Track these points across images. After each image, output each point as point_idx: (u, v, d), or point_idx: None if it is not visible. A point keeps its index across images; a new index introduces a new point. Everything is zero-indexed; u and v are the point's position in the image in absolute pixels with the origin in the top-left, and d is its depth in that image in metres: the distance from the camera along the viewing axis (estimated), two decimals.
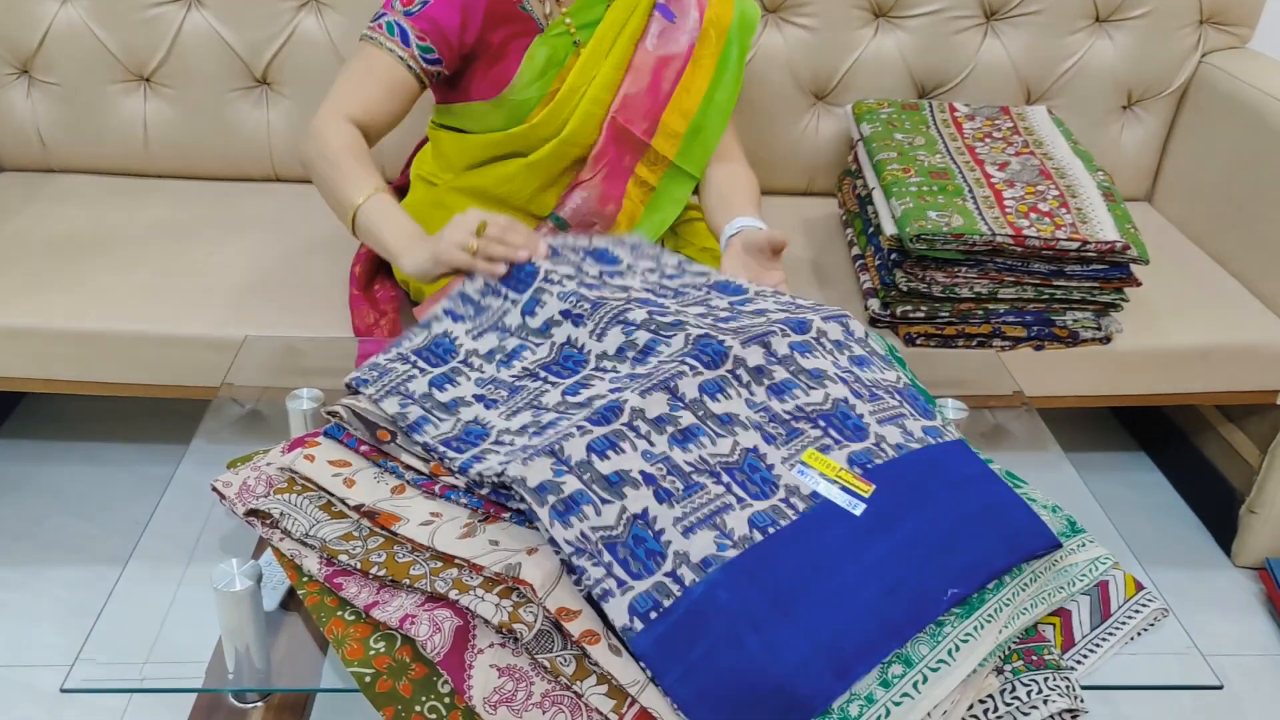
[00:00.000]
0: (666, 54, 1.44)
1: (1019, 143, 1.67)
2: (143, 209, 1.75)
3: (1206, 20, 1.88)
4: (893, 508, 0.93)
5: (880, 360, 1.09)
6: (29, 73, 1.79)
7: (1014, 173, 1.58)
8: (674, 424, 0.93)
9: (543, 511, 0.83)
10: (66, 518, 1.74)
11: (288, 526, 0.95)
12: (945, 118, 1.74)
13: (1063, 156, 1.64)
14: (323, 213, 1.77)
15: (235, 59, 1.78)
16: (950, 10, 1.83)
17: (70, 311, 1.49)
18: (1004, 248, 1.45)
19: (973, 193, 1.52)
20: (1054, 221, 1.47)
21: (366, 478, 0.97)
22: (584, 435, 0.89)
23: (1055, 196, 1.53)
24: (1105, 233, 1.46)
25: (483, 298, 1.11)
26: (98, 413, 1.98)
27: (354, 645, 0.87)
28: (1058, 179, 1.57)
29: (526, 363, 1.04)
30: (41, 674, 1.46)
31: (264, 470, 1.06)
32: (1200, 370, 1.63)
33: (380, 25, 1.36)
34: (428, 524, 0.90)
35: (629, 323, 1.03)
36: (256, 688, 0.99)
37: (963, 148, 1.65)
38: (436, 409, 0.99)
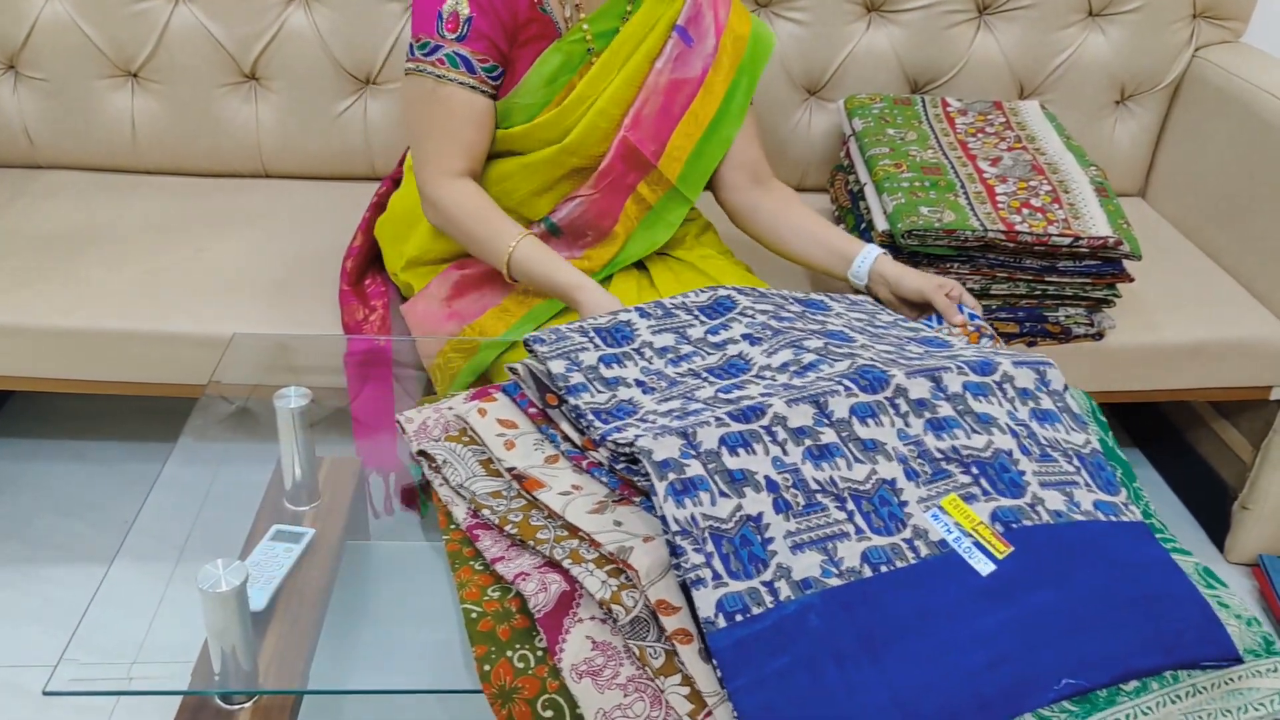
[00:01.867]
0: (680, 77, 1.41)
1: (1011, 138, 1.66)
2: (131, 205, 1.74)
3: (1200, 14, 1.87)
4: (1026, 576, 0.85)
5: (1071, 420, 1.00)
6: (15, 68, 1.78)
7: (1006, 168, 1.57)
8: (813, 438, 0.90)
9: (660, 485, 0.83)
10: (55, 516, 1.73)
11: (447, 474, 0.99)
12: (938, 112, 1.73)
13: (1055, 152, 1.63)
14: (312, 209, 1.77)
15: (223, 54, 1.77)
16: (943, 5, 1.82)
17: (58, 309, 1.48)
18: (996, 243, 1.44)
19: (965, 188, 1.51)
20: (1046, 217, 1.47)
21: (526, 443, 0.99)
22: (720, 427, 0.88)
23: (1048, 192, 1.52)
24: (1097, 228, 1.45)
25: (674, 308, 1.12)
26: (86, 411, 1.97)
27: (473, 589, 0.90)
28: (1050, 174, 1.56)
29: (694, 365, 1.05)
30: (29, 674, 1.45)
31: (444, 413, 1.09)
32: (1193, 366, 1.62)
33: (440, 60, 1.31)
34: (566, 494, 0.92)
35: (801, 347, 1.03)
36: (243, 690, 0.98)
37: (955, 143, 1.64)
38: (598, 381, 1.00)
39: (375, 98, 1.82)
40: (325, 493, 1.28)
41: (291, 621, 1.08)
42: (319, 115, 1.82)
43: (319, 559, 1.17)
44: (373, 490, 1.46)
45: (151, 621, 1.13)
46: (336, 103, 1.81)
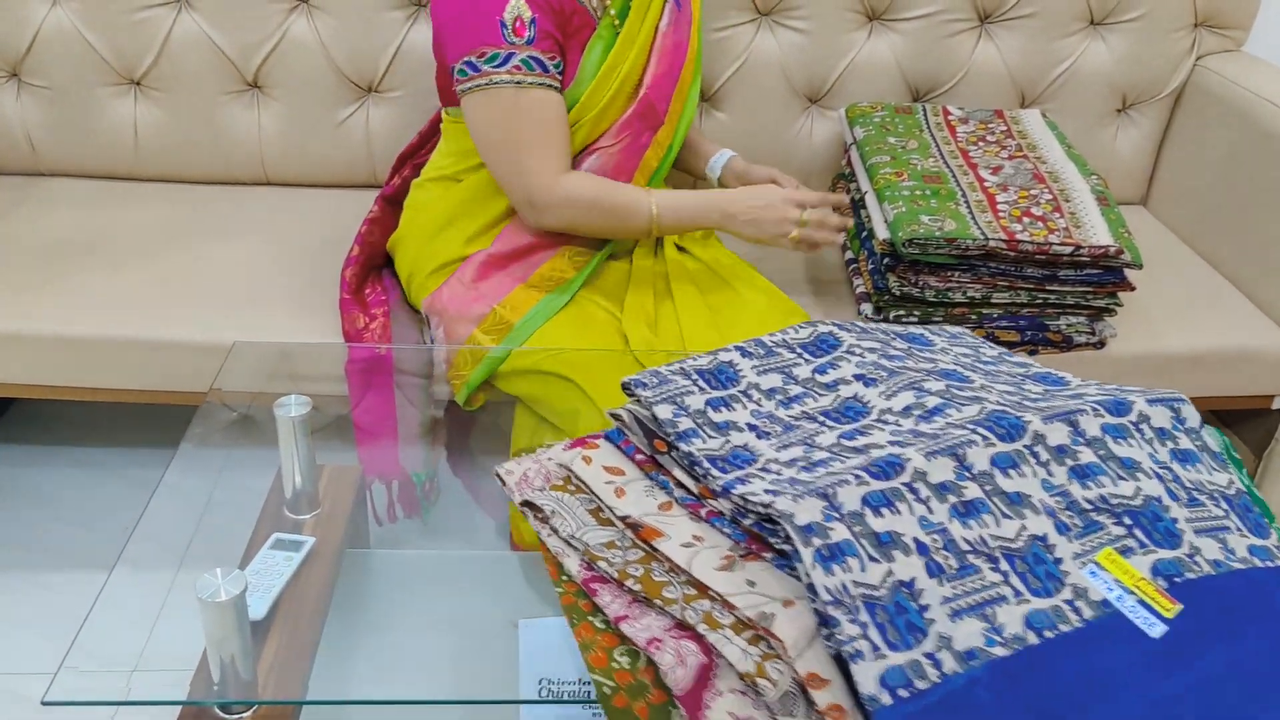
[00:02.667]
0: (677, 41, 1.48)
1: (1012, 146, 1.66)
2: (132, 213, 1.74)
3: (1201, 23, 1.87)
4: (1197, 635, 0.80)
5: (1212, 459, 0.95)
6: (18, 75, 1.78)
7: (1007, 176, 1.57)
8: (957, 494, 0.85)
9: (807, 552, 0.78)
10: (55, 523, 1.73)
11: (556, 525, 0.95)
12: (939, 121, 1.73)
13: (1056, 160, 1.63)
14: (314, 216, 1.77)
15: (226, 62, 1.78)
16: (944, 13, 1.82)
17: (59, 316, 1.48)
18: (997, 252, 1.44)
19: (966, 197, 1.51)
20: (1047, 226, 1.47)
21: (637, 489, 0.95)
22: (860, 485, 0.83)
23: (1048, 200, 1.52)
24: (1098, 237, 1.45)
25: (775, 346, 1.08)
26: (87, 417, 1.97)
27: (599, 653, 0.85)
28: (1051, 183, 1.56)
29: (807, 408, 1.00)
30: (29, 682, 1.45)
31: (544, 463, 1.06)
32: (1194, 375, 1.62)
33: (517, 67, 1.32)
34: (689, 546, 0.87)
35: (923, 389, 0.98)
36: (242, 700, 0.98)
37: (956, 151, 1.64)
38: (708, 426, 0.95)
39: (377, 105, 1.82)
40: (325, 501, 1.28)
41: (291, 630, 1.08)
42: (321, 123, 1.82)
43: (319, 567, 1.17)
44: (375, 498, 1.46)
45: (151, 630, 1.13)
46: (338, 111, 1.82)
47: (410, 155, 1.65)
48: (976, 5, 1.82)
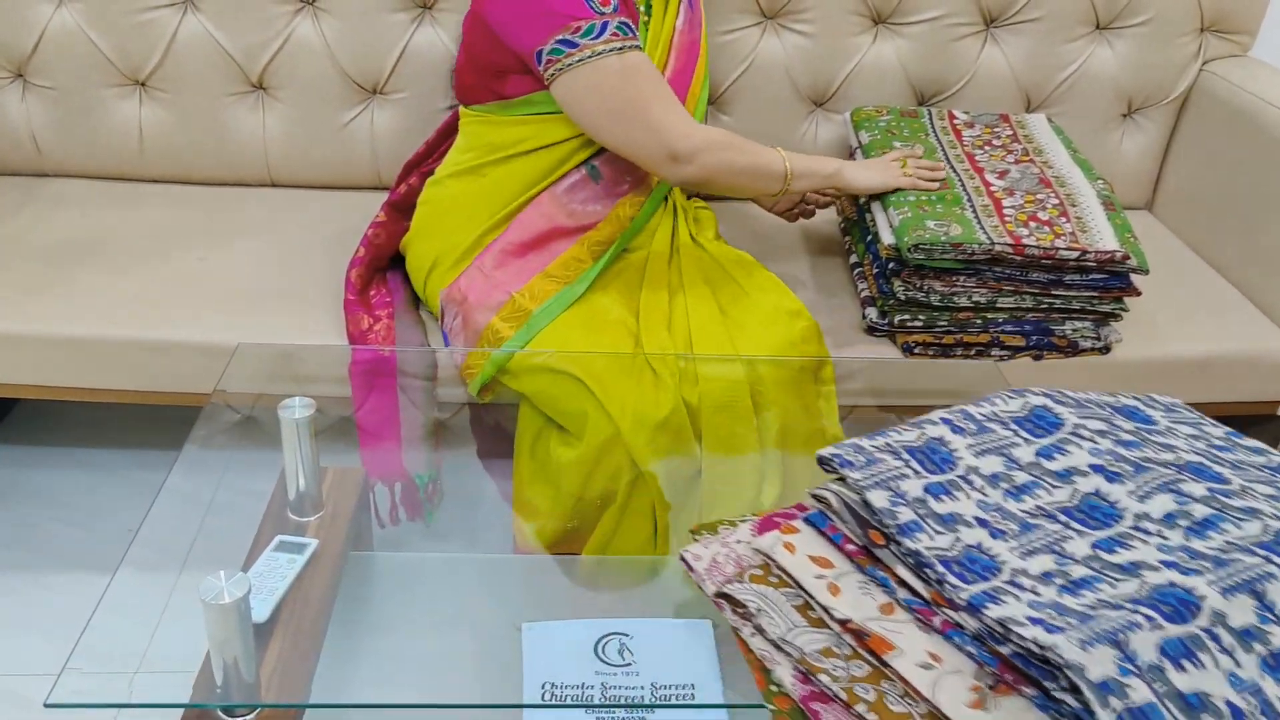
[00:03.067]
0: (692, 39, 1.51)
1: (1019, 150, 1.66)
2: (137, 214, 1.74)
3: (1207, 28, 1.87)
4: None
5: None
6: (23, 76, 1.78)
7: (1013, 181, 1.57)
8: (1263, 643, 0.74)
9: (1104, 714, 0.69)
10: (58, 524, 1.73)
11: (763, 623, 0.86)
12: (944, 125, 1.73)
13: (1062, 165, 1.63)
14: (318, 218, 1.77)
15: (231, 63, 1.77)
16: (950, 17, 1.82)
17: (63, 317, 1.48)
18: (1003, 256, 1.43)
19: (971, 201, 1.51)
20: (1053, 230, 1.46)
21: (851, 585, 0.85)
22: (1154, 630, 0.72)
23: (1055, 205, 1.52)
24: (1105, 242, 1.45)
25: (986, 421, 0.97)
26: (90, 418, 1.96)
27: None
28: (1057, 187, 1.56)
29: (1041, 501, 0.89)
30: (31, 683, 1.45)
31: (734, 547, 0.97)
32: (1200, 380, 1.62)
33: (615, 34, 1.31)
34: (927, 668, 0.77)
35: (1182, 493, 0.86)
36: (245, 703, 0.98)
37: (962, 155, 1.64)
38: (931, 518, 0.85)
39: (382, 108, 1.82)
40: (329, 503, 1.27)
41: (294, 633, 1.08)
42: (326, 125, 1.82)
43: (322, 570, 1.17)
44: (378, 500, 1.46)
45: (154, 632, 1.13)
46: (343, 112, 1.82)
47: (417, 164, 1.65)
48: (982, 9, 1.82)
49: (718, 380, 1.32)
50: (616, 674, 1.16)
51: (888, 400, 1.57)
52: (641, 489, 1.29)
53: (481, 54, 1.42)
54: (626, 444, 1.28)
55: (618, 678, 1.16)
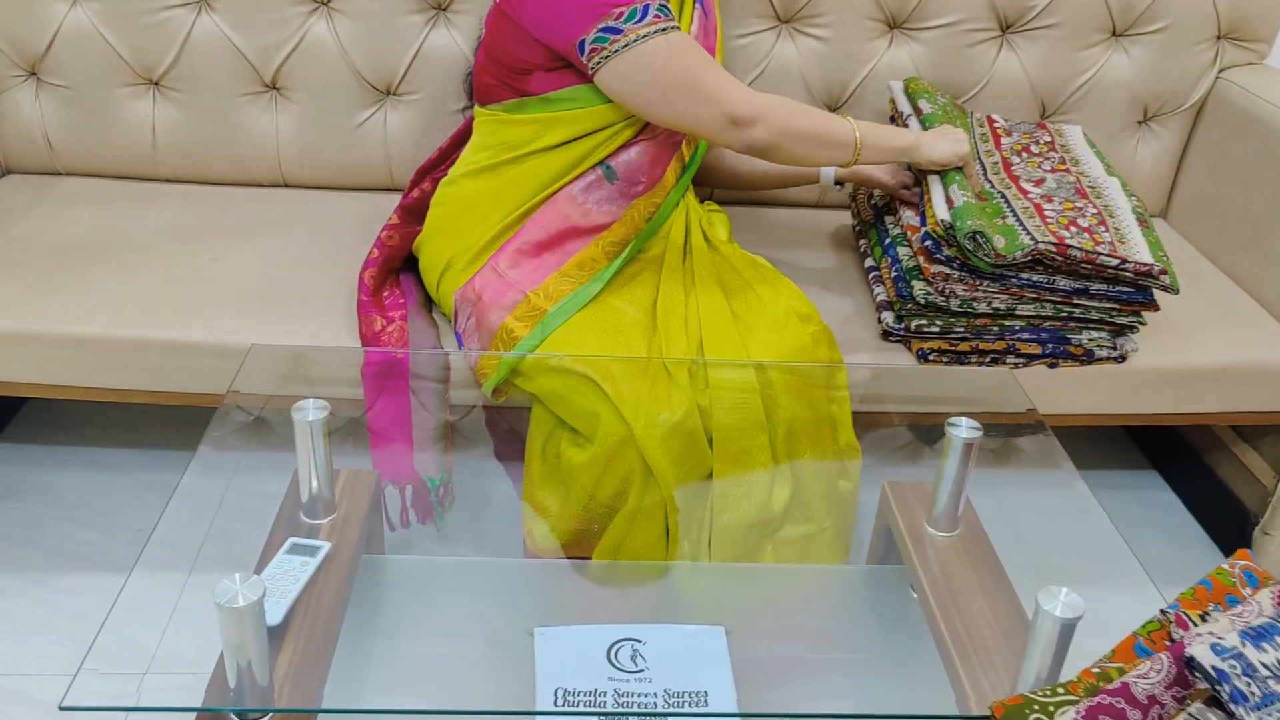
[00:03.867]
0: (706, 46, 1.50)
1: (1055, 159, 1.65)
2: (150, 213, 1.74)
3: (1224, 35, 1.86)
4: None
5: None
6: (37, 75, 1.78)
7: (1050, 189, 1.56)
8: None
9: None
10: (68, 524, 1.72)
11: None
12: (985, 132, 1.71)
13: (1098, 176, 1.62)
14: (331, 219, 1.77)
15: (245, 63, 1.77)
16: (966, 23, 1.81)
17: (75, 316, 1.47)
18: (1046, 255, 1.41)
19: (1012, 208, 1.49)
20: (1094, 238, 1.45)
21: None
22: None
23: (1094, 214, 1.50)
24: (1142, 255, 1.44)
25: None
26: (101, 417, 1.96)
27: None
28: (1094, 198, 1.55)
29: None
30: (41, 683, 1.44)
31: None
32: (1215, 390, 1.61)
33: (657, 16, 1.31)
34: None
35: None
36: (258, 708, 0.97)
37: (999, 164, 1.62)
38: None
39: (395, 109, 1.82)
40: (341, 506, 1.27)
41: (307, 637, 1.08)
42: (339, 125, 1.82)
43: (335, 573, 1.17)
44: (388, 503, 1.45)
45: (165, 634, 1.13)
46: (357, 113, 1.81)
47: (430, 169, 1.64)
48: (998, 15, 1.82)
49: (729, 383, 1.32)
50: (629, 680, 1.16)
51: (901, 407, 1.56)
52: (653, 491, 1.29)
53: (506, 51, 1.41)
54: (639, 446, 1.27)
55: (630, 684, 1.15)
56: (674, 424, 1.28)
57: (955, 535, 1.30)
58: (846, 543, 1.44)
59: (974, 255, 1.43)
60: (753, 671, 1.18)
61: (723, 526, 1.31)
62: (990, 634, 1.15)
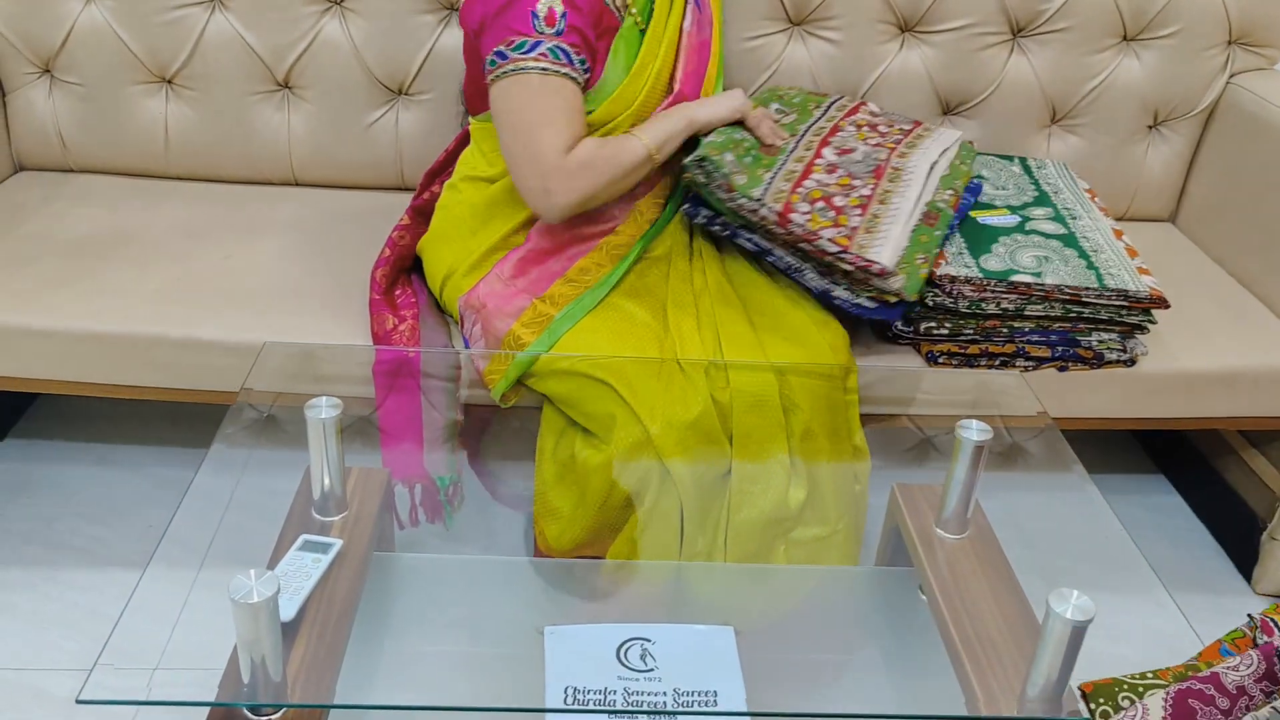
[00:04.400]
0: (701, 40, 1.53)
1: (891, 140, 1.58)
2: (162, 211, 1.75)
3: (1235, 41, 1.86)
4: None
5: None
6: (51, 72, 1.79)
7: (847, 161, 1.51)
8: None
9: None
10: (78, 520, 1.73)
11: None
12: (843, 104, 1.67)
13: (919, 167, 1.52)
14: (342, 218, 1.77)
15: (258, 62, 1.78)
16: (977, 26, 1.81)
17: (87, 313, 1.48)
18: (766, 222, 1.40)
19: (784, 166, 1.47)
20: (837, 220, 1.40)
21: None
22: None
23: (861, 197, 1.44)
24: (878, 250, 1.36)
25: None
26: (111, 414, 1.97)
27: None
28: (885, 182, 1.48)
29: None
30: (52, 678, 1.45)
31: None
32: (1224, 394, 1.61)
33: (544, 54, 1.34)
34: None
35: None
36: (272, 702, 0.98)
37: (822, 130, 1.57)
38: None
39: (407, 108, 1.83)
40: (353, 503, 1.27)
41: (319, 633, 1.08)
42: (351, 125, 1.82)
43: (347, 570, 1.17)
44: (398, 501, 1.46)
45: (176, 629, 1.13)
46: (368, 113, 1.82)
47: (438, 172, 1.65)
48: (1009, 18, 1.82)
49: (749, 381, 1.32)
50: (639, 679, 1.16)
51: (910, 410, 1.57)
52: (668, 491, 1.29)
53: (473, 63, 1.47)
54: (655, 446, 1.27)
55: (640, 683, 1.16)
56: (690, 423, 1.29)
57: (964, 537, 1.30)
58: (857, 545, 1.45)
59: (705, 187, 1.43)
60: (762, 672, 1.18)
61: (740, 523, 1.31)
62: (999, 636, 1.15)
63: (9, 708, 1.41)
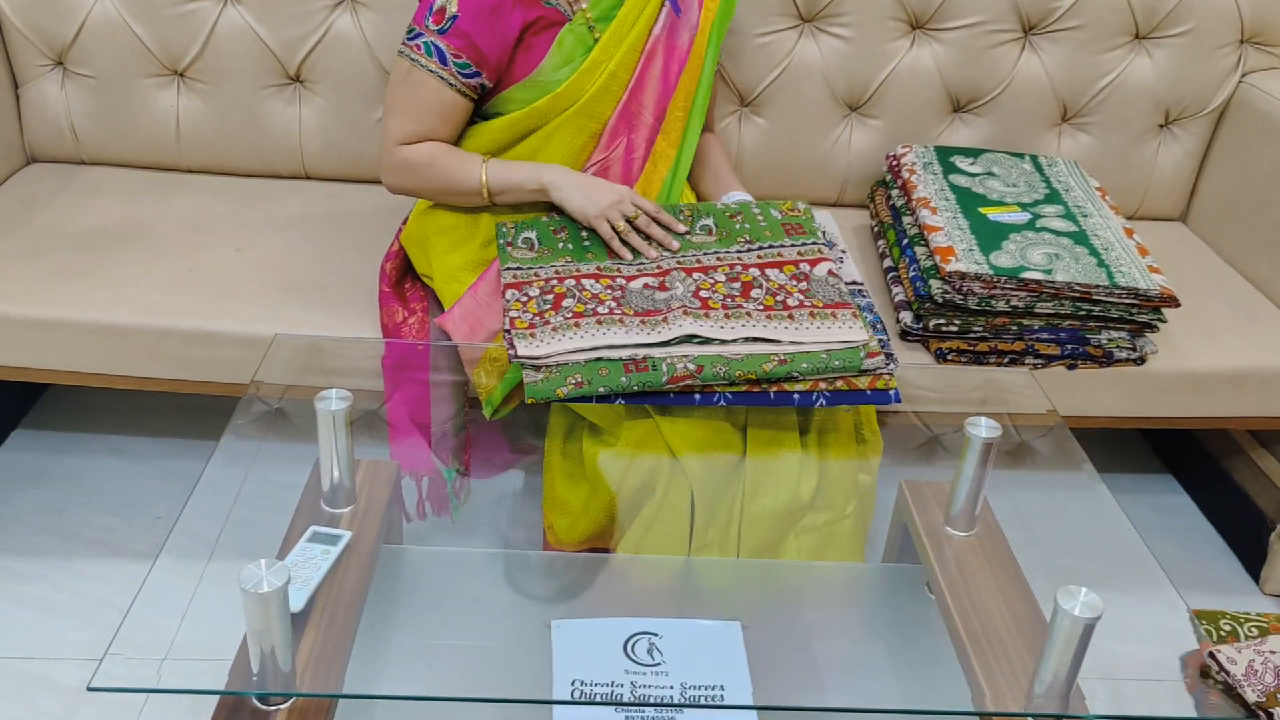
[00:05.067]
0: (673, 44, 1.51)
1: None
2: (173, 203, 1.75)
3: (1247, 40, 1.86)
4: None
5: None
6: (63, 64, 1.80)
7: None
8: None
9: None
10: (88, 510, 1.74)
11: None
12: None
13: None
14: (352, 211, 1.78)
15: (269, 56, 1.78)
16: (989, 24, 1.81)
17: (98, 304, 1.49)
18: None
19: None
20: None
21: None
22: None
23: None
24: (529, 345, 1.26)
25: None
26: (121, 405, 1.98)
27: None
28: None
29: None
30: (61, 667, 1.46)
31: (1270, 657, 0.97)
32: (1233, 394, 1.61)
33: (418, 46, 1.41)
34: None
35: None
36: (281, 691, 0.98)
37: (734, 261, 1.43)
38: None
39: None
40: (362, 495, 1.28)
41: (328, 624, 1.09)
42: (361, 118, 1.83)
43: (355, 562, 1.18)
44: (405, 494, 1.46)
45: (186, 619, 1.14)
46: (379, 107, 1.82)
47: None
48: (1021, 16, 1.81)
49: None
50: (646, 673, 1.16)
51: (919, 407, 1.56)
52: (678, 483, 1.29)
53: None
54: (664, 437, 1.27)
55: (647, 677, 1.16)
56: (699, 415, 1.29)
57: (973, 535, 1.30)
58: (864, 535, 1.44)
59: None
60: (768, 667, 1.18)
61: (754, 514, 1.31)
62: (1007, 634, 1.15)
63: (18, 697, 1.41)
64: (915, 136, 1.88)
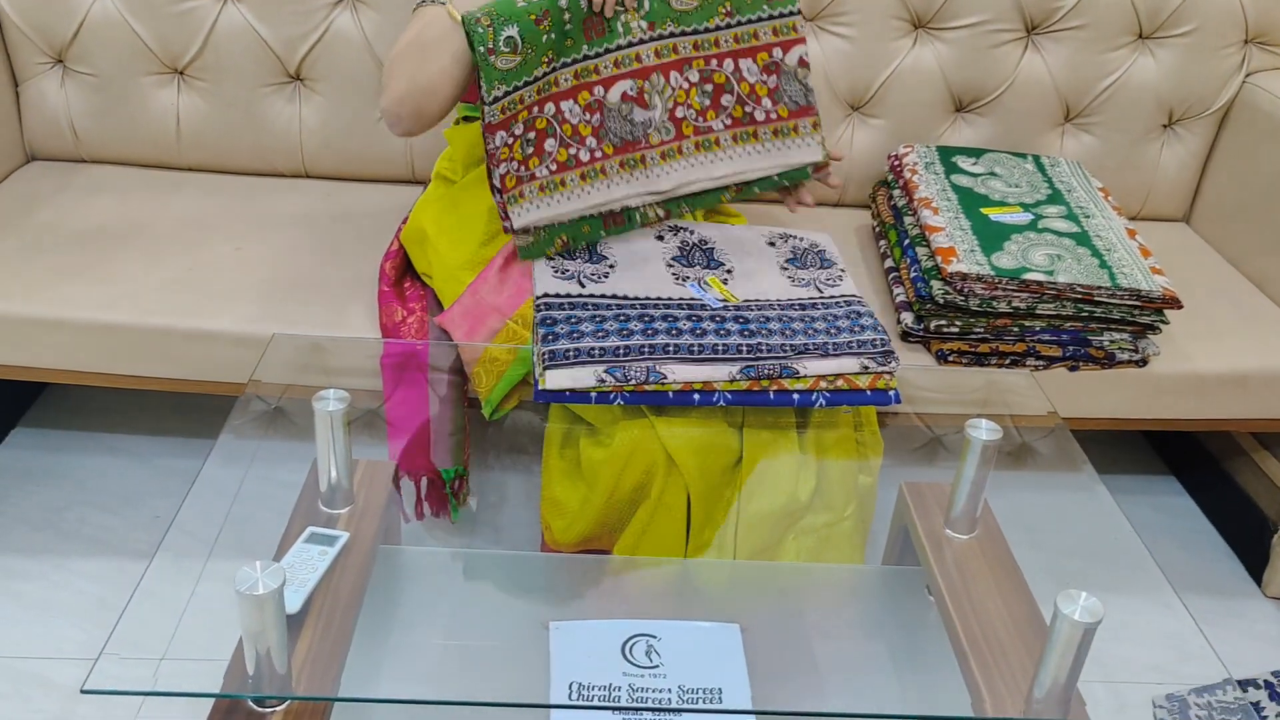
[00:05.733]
0: None
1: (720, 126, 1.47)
2: (173, 202, 1.75)
3: (1252, 39, 1.85)
4: None
5: None
6: (63, 62, 1.79)
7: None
8: None
9: None
10: (86, 509, 1.73)
11: None
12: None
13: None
14: (352, 210, 1.78)
15: (269, 54, 1.78)
16: (991, 23, 1.80)
17: (97, 303, 1.48)
18: None
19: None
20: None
21: None
22: None
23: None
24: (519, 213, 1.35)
25: None
26: (120, 404, 1.97)
27: None
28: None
29: None
30: (58, 666, 1.46)
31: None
32: (1237, 396, 1.60)
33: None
34: None
35: None
36: (276, 694, 0.98)
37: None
38: None
39: None
40: (359, 496, 1.27)
41: (324, 626, 1.08)
42: (361, 117, 1.82)
43: (352, 563, 1.17)
44: (403, 495, 1.45)
45: (183, 620, 1.13)
46: (379, 105, 1.82)
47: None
48: (1024, 15, 1.81)
49: None
50: (644, 675, 1.16)
51: (920, 408, 1.56)
52: (674, 484, 1.29)
53: None
54: (660, 438, 1.27)
55: (645, 679, 1.15)
56: (696, 416, 1.28)
57: (973, 537, 1.29)
58: (864, 536, 1.44)
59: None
60: (767, 669, 1.18)
61: (751, 515, 1.31)
62: (1007, 637, 1.15)
63: (14, 695, 1.41)
64: (917, 136, 1.87)
